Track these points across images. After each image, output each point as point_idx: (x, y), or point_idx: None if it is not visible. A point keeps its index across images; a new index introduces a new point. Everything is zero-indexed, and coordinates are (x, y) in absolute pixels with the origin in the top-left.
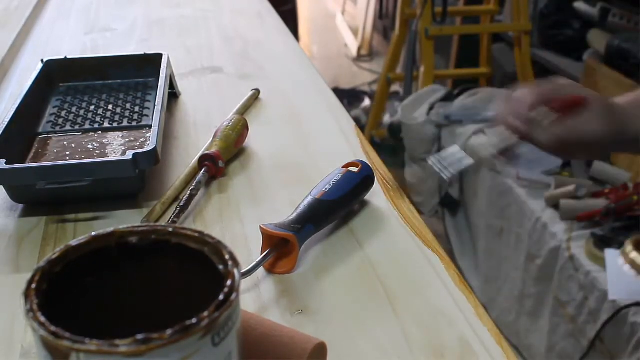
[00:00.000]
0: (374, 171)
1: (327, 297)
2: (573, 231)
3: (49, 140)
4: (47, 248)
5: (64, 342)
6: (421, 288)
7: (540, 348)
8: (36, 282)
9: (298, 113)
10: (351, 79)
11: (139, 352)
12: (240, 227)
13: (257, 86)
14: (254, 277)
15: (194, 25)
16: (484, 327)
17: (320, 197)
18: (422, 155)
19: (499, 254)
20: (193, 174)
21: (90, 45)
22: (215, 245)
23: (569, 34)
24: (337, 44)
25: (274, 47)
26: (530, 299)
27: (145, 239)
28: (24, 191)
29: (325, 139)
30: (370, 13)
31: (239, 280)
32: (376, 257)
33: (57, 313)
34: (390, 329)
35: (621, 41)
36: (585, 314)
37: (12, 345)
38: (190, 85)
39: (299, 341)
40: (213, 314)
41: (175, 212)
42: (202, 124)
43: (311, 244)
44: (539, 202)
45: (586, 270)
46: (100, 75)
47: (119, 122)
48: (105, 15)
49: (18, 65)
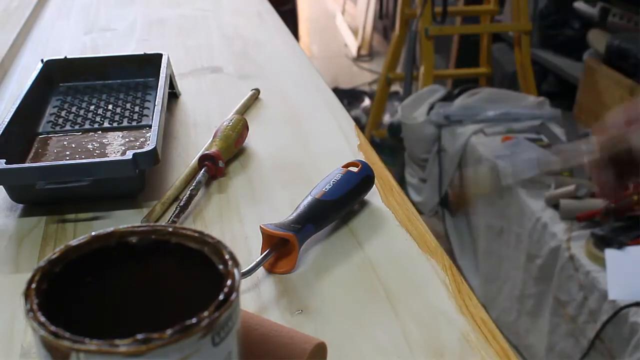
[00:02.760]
0: (374, 171)
1: (327, 297)
2: (573, 231)
3: (49, 140)
4: (47, 248)
5: (64, 342)
6: (421, 288)
7: (540, 348)
8: (36, 282)
9: (298, 113)
10: (351, 78)
11: (139, 352)
12: (240, 227)
13: (257, 86)
14: (254, 277)
15: (193, 25)
16: (483, 327)
17: (320, 197)
18: (422, 155)
19: (499, 254)
20: (193, 174)
21: (90, 45)
22: (215, 245)
23: (568, 33)
24: (337, 44)
25: (274, 47)
26: (530, 299)
27: (145, 239)
28: (24, 191)
29: (325, 139)
30: (370, 13)
31: (239, 280)
32: (376, 257)
33: (57, 313)
34: (390, 329)
35: (621, 41)
36: (585, 313)
37: (12, 345)
38: (190, 85)
39: (299, 341)
40: (213, 314)
41: (175, 212)
42: (202, 124)
43: (311, 244)
44: (539, 202)
45: (586, 270)
46: (100, 75)
47: (119, 122)
48: (105, 15)
49: (18, 65)
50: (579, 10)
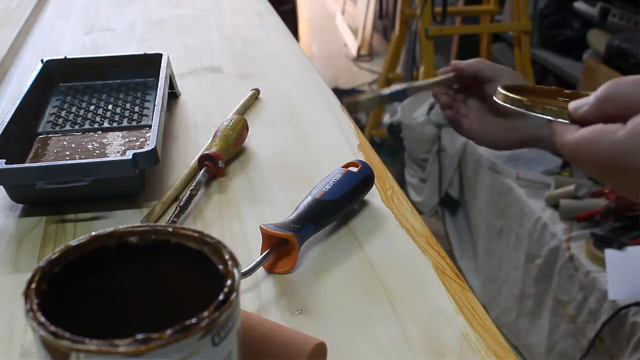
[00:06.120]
0: (374, 171)
1: (327, 297)
2: (573, 231)
3: (48, 140)
4: (47, 248)
5: (64, 342)
6: (421, 288)
7: (540, 348)
8: (36, 282)
9: (298, 113)
10: (351, 78)
11: (139, 352)
12: (240, 227)
13: (257, 86)
14: (253, 277)
15: (193, 25)
16: (483, 327)
17: (320, 197)
18: (422, 155)
19: (498, 254)
20: (193, 173)
21: (90, 45)
22: (215, 245)
23: (568, 33)
24: (337, 44)
25: (274, 47)
26: (530, 299)
27: (145, 239)
28: (23, 191)
29: (325, 139)
30: (370, 13)
31: (238, 280)
32: (376, 257)
33: (57, 313)
34: (390, 329)
35: (621, 41)
36: (585, 314)
37: (12, 345)
38: (190, 85)
39: (299, 341)
40: (213, 314)
41: (175, 212)
42: (201, 124)
43: (311, 244)
44: (539, 202)
45: (586, 270)
46: (100, 75)
47: (119, 122)
48: (105, 15)
49: (18, 65)
50: (579, 10)
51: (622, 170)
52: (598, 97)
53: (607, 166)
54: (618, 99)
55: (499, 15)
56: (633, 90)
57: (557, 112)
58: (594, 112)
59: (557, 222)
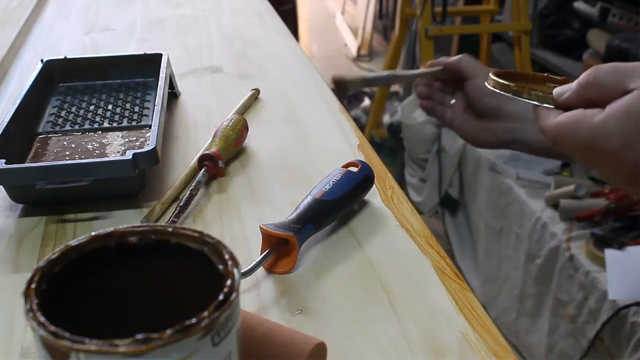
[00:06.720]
0: (374, 171)
1: (327, 297)
2: (573, 231)
3: (48, 140)
4: (47, 248)
5: (64, 342)
6: (421, 288)
7: (540, 348)
8: (36, 282)
9: (298, 113)
10: None
11: (139, 352)
12: (240, 227)
13: (257, 86)
14: (253, 277)
15: (193, 25)
16: (483, 327)
17: (320, 197)
18: (422, 155)
19: (498, 254)
20: (193, 173)
21: (90, 45)
22: (215, 245)
23: (568, 33)
24: (336, 44)
25: (274, 47)
26: (530, 299)
27: (145, 239)
28: (23, 191)
29: (325, 139)
30: (370, 13)
31: (238, 280)
32: (376, 257)
33: (57, 313)
34: (390, 329)
35: (621, 41)
36: (585, 313)
37: (12, 345)
38: (190, 85)
39: (299, 341)
40: (213, 314)
41: (175, 212)
42: (201, 124)
43: (311, 244)
44: (538, 202)
45: (586, 270)
46: (100, 75)
47: (119, 122)
48: (105, 15)
49: (18, 65)
50: (579, 10)
51: (600, 153)
52: (579, 83)
53: (586, 149)
54: (598, 85)
55: (499, 15)
56: (612, 77)
57: (543, 97)
58: (575, 98)
59: (557, 222)
